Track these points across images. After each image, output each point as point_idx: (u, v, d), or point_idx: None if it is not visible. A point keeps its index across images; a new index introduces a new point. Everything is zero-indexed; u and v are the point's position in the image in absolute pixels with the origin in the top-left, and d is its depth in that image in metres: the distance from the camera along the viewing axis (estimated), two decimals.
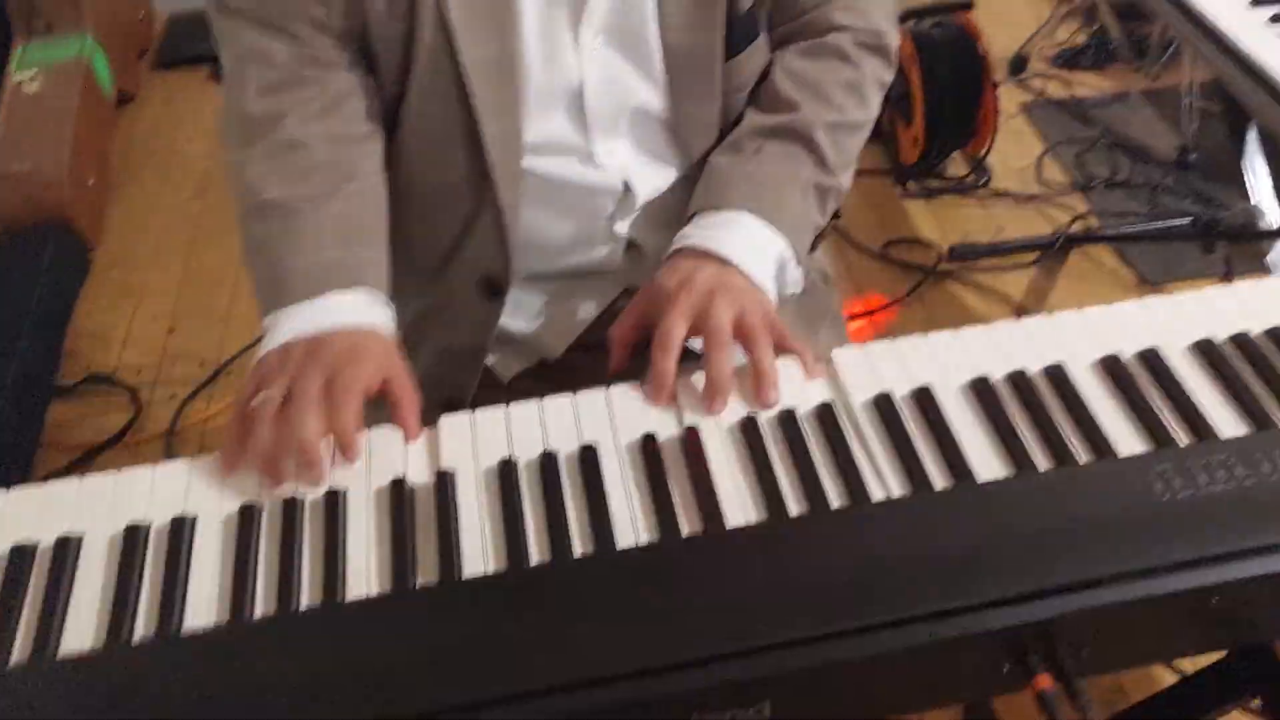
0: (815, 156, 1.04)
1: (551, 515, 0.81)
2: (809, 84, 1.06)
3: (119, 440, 2.08)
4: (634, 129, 1.07)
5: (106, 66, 2.78)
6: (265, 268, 0.95)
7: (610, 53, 1.01)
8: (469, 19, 0.95)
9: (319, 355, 0.88)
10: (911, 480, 0.81)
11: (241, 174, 0.98)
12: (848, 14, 1.08)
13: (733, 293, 0.93)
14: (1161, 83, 2.80)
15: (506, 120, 1.00)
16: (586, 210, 1.11)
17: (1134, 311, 0.92)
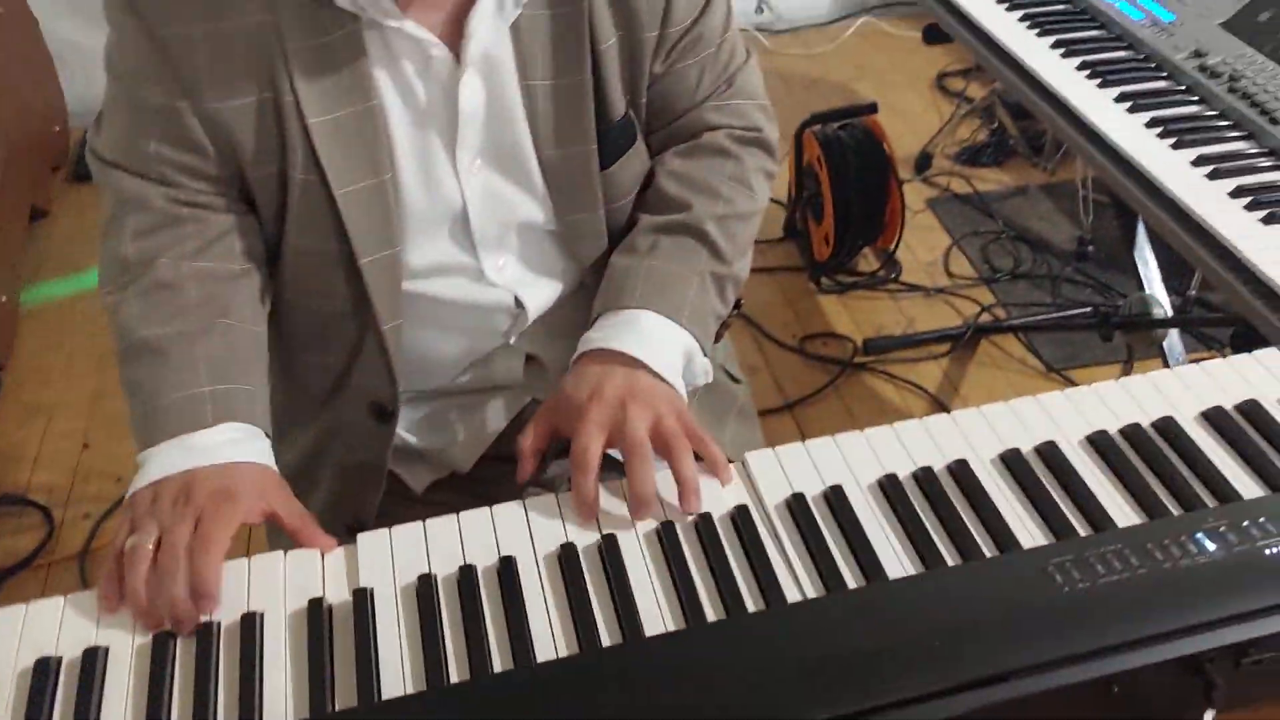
0: (709, 248, 1.06)
1: (470, 631, 0.81)
2: (694, 182, 1.09)
3: (31, 562, 2.02)
4: (522, 244, 1.09)
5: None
6: (138, 406, 0.95)
7: (489, 172, 1.04)
8: (340, 154, 0.97)
9: (191, 496, 0.88)
10: (825, 580, 0.83)
11: (115, 316, 0.99)
12: (720, 113, 1.11)
13: (644, 397, 0.94)
14: (1058, 177, 2.93)
15: (384, 249, 1.01)
16: (480, 328, 1.12)
17: (1031, 406, 0.96)
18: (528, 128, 1.02)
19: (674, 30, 1.04)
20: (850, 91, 3.48)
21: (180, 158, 0.98)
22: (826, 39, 3.76)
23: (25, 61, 3.02)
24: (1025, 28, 1.70)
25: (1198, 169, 1.32)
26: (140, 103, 0.96)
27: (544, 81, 1.01)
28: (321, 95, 0.95)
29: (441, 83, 0.99)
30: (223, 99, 0.95)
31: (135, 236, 0.99)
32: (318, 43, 0.94)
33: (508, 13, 0.97)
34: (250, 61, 0.94)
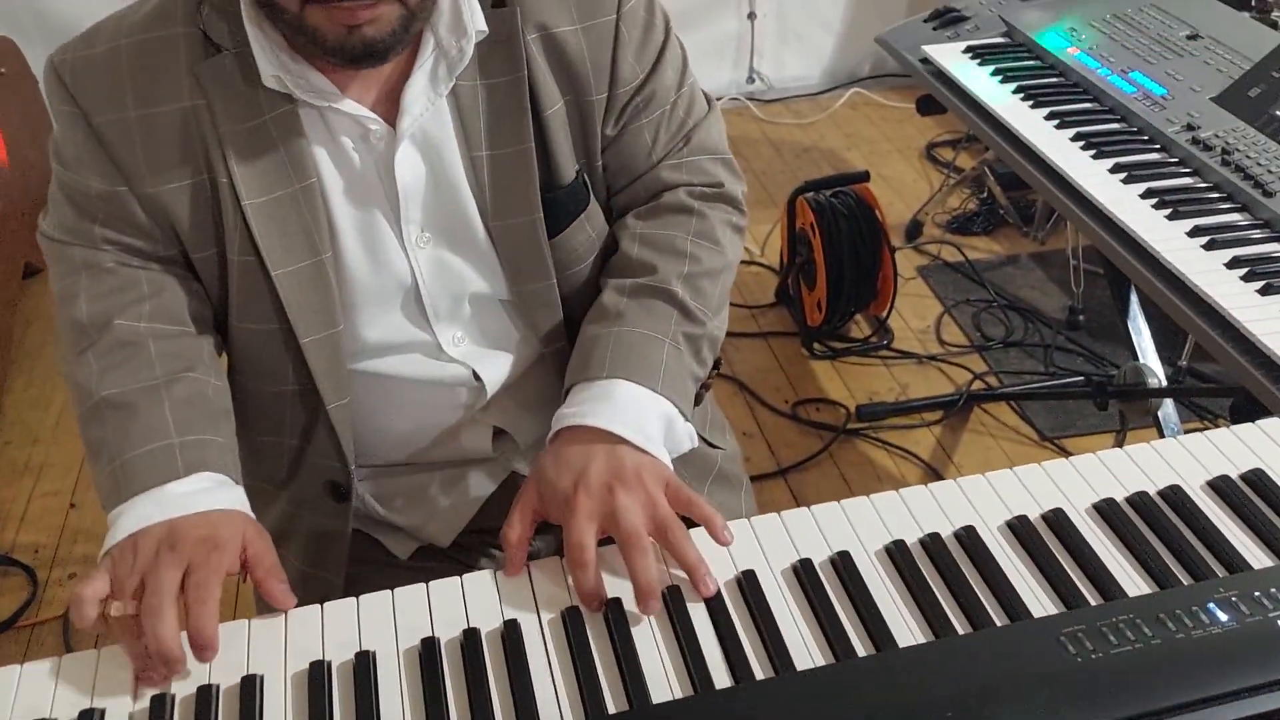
0: (679, 309, 1.03)
1: (475, 695, 0.80)
2: (657, 243, 1.06)
3: (14, 623, 1.98)
4: (476, 315, 1.08)
5: None
6: (105, 464, 0.93)
7: (438, 246, 1.03)
8: (277, 234, 0.97)
9: (176, 545, 0.85)
10: (834, 648, 0.82)
11: (76, 379, 0.98)
12: (679, 171, 1.09)
13: (630, 477, 0.91)
14: (1049, 246, 2.96)
15: (325, 329, 1.01)
16: (439, 404, 1.11)
17: (1038, 474, 0.96)
18: (473, 198, 1.01)
19: (623, 91, 1.03)
20: (841, 160, 3.52)
21: (125, 239, 0.99)
22: (818, 108, 3.82)
23: (24, 120, 3.04)
24: (1019, 99, 1.73)
25: (1194, 239, 1.34)
26: (83, 188, 0.97)
27: (486, 152, 1.00)
28: (257, 176, 0.95)
29: (379, 157, 0.99)
30: (160, 182, 0.96)
31: (90, 300, 0.98)
32: (252, 124, 0.95)
33: (441, 86, 0.97)
34: (184, 145, 0.95)
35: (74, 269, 0.99)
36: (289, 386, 1.05)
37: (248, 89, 0.94)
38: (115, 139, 0.95)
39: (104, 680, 0.83)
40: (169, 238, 0.99)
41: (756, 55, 3.92)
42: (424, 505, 1.18)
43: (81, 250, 0.99)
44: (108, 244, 0.98)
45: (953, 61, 1.88)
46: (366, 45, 0.88)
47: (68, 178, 0.98)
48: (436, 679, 0.81)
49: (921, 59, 1.95)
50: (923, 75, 1.93)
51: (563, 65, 1.00)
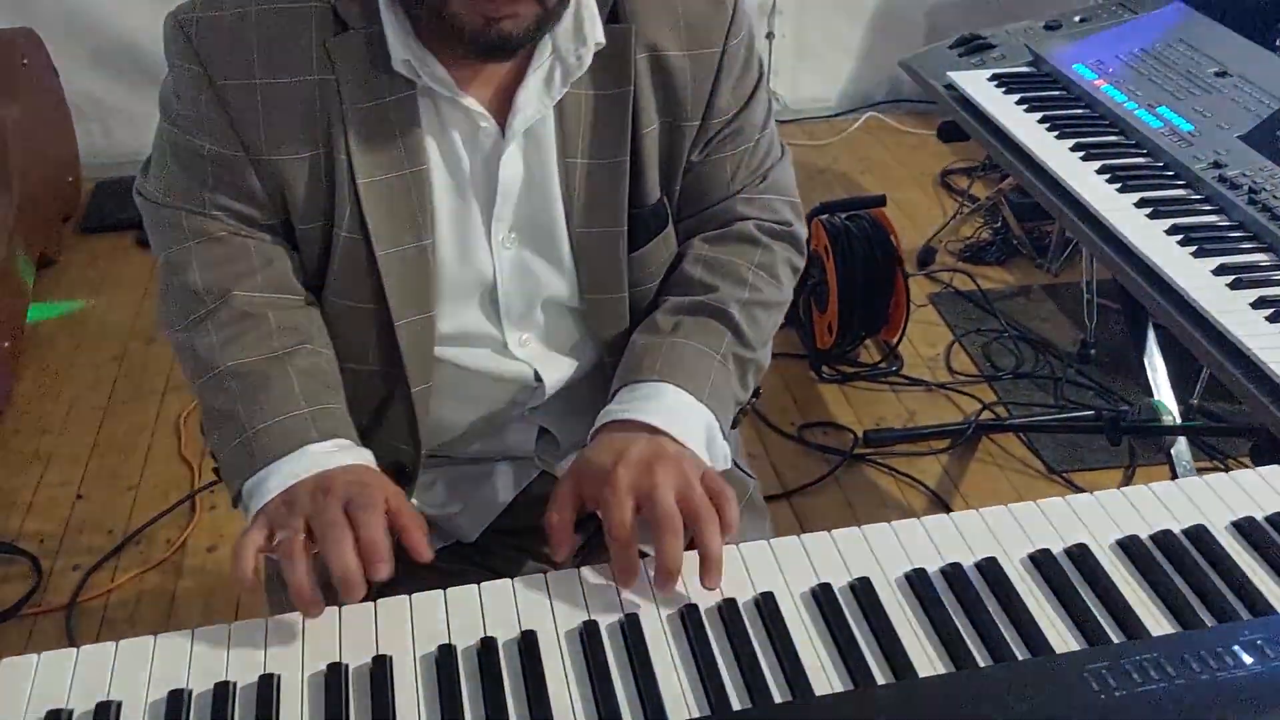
0: (732, 330, 1.05)
1: (490, 706, 0.80)
2: (721, 267, 1.09)
3: (17, 611, 1.98)
4: (546, 320, 1.09)
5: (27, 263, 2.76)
6: (231, 435, 0.95)
7: (522, 248, 1.05)
8: (385, 216, 0.98)
9: (330, 489, 0.88)
10: (853, 674, 0.82)
11: (194, 349, 0.99)
12: (751, 205, 1.12)
13: (669, 461, 0.92)
14: (1062, 279, 2.96)
15: (419, 312, 1.02)
16: (498, 399, 1.12)
17: (1061, 508, 0.95)
18: (561, 204, 1.03)
19: (716, 121, 1.06)
20: (854, 183, 3.53)
21: (235, 205, 0.99)
22: (832, 131, 3.83)
23: (45, 112, 3.05)
24: (1045, 129, 1.74)
25: (1219, 278, 1.34)
26: (196, 150, 0.97)
27: (582, 160, 1.02)
28: (373, 156, 0.97)
29: (484, 154, 1.00)
30: (278, 152, 0.96)
31: (203, 268, 0.99)
32: (374, 105, 0.96)
33: (554, 91, 0.99)
34: (308, 118, 0.96)
35: (183, 235, 1.00)
36: (370, 366, 1.06)
37: (372, 71, 0.95)
38: (238, 104, 0.95)
39: (120, 672, 0.83)
40: (277, 207, 1.00)
41: (773, 75, 3.93)
42: (456, 497, 1.19)
43: (190, 217, 0.99)
44: (217, 209, 0.99)
45: (978, 89, 1.89)
46: (502, 39, 0.90)
47: (180, 138, 0.98)
48: (453, 686, 0.81)
49: (946, 85, 1.95)
50: (946, 101, 1.94)
51: (666, 88, 1.03)
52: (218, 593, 2.04)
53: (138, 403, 2.52)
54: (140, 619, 1.97)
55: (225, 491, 2.17)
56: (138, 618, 1.98)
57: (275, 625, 0.87)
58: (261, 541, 0.88)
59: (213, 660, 0.84)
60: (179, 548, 2.13)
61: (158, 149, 1.02)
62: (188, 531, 2.16)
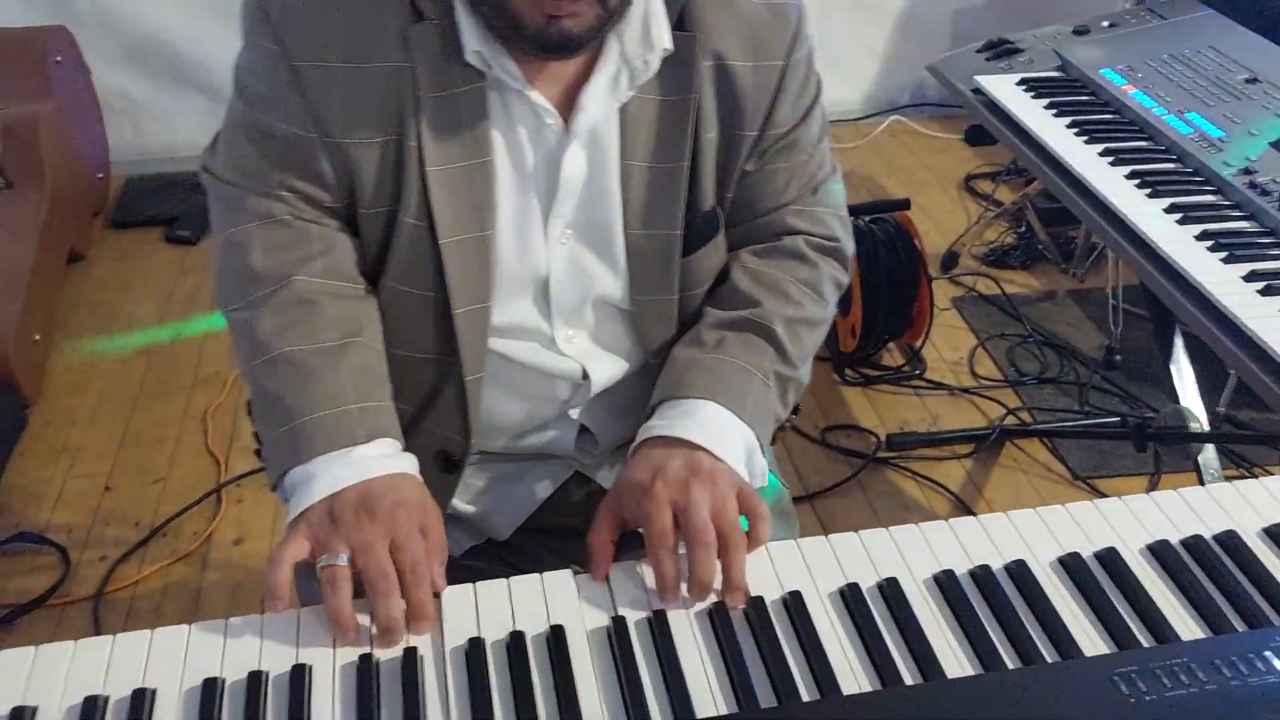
0: (776, 348, 1.06)
1: (520, 701, 0.80)
2: (767, 282, 1.09)
3: (45, 601, 2.00)
4: (595, 318, 1.10)
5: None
6: (280, 421, 0.95)
7: (577, 245, 1.06)
8: (450, 204, 0.99)
9: (374, 510, 0.89)
10: (880, 674, 0.82)
11: (251, 331, 0.99)
12: (801, 218, 1.12)
13: (706, 475, 0.93)
14: (1087, 284, 2.94)
15: (477, 302, 1.03)
16: (543, 394, 1.13)
17: (1090, 511, 0.95)
18: (620, 205, 1.04)
19: (773, 133, 1.06)
20: (878, 187, 3.52)
21: (303, 186, 1.00)
22: (857, 134, 3.82)
23: (76, 109, 3.08)
24: (1073, 134, 1.73)
25: (1250, 284, 1.34)
26: (268, 129, 0.99)
27: (643, 163, 1.03)
28: (442, 145, 0.98)
29: (548, 150, 1.01)
30: (351, 135, 0.97)
31: (265, 250, 1.00)
32: (445, 94, 0.97)
33: (620, 93, 1.00)
34: (383, 102, 0.97)
35: (247, 216, 1.01)
36: (424, 353, 1.06)
37: (445, 61, 0.96)
38: (315, 85, 0.96)
39: (155, 660, 0.84)
40: (343, 190, 1.01)
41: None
42: (492, 494, 1.20)
43: (256, 199, 1.00)
44: (284, 189, 1.00)
45: (1006, 93, 1.88)
46: (563, 37, 0.91)
47: (252, 116, 0.99)
48: (482, 680, 0.82)
49: (973, 89, 1.95)
50: (974, 105, 1.93)
51: (728, 96, 1.03)
52: (243, 586, 2.05)
53: (165, 397, 2.54)
54: (166, 611, 1.99)
55: (251, 486, 2.19)
56: (164, 609, 1.99)
57: (307, 616, 0.88)
58: (302, 555, 0.89)
59: (246, 649, 0.85)
60: (205, 541, 2.14)
61: (228, 126, 1.03)
62: (214, 525, 2.17)
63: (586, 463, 1.20)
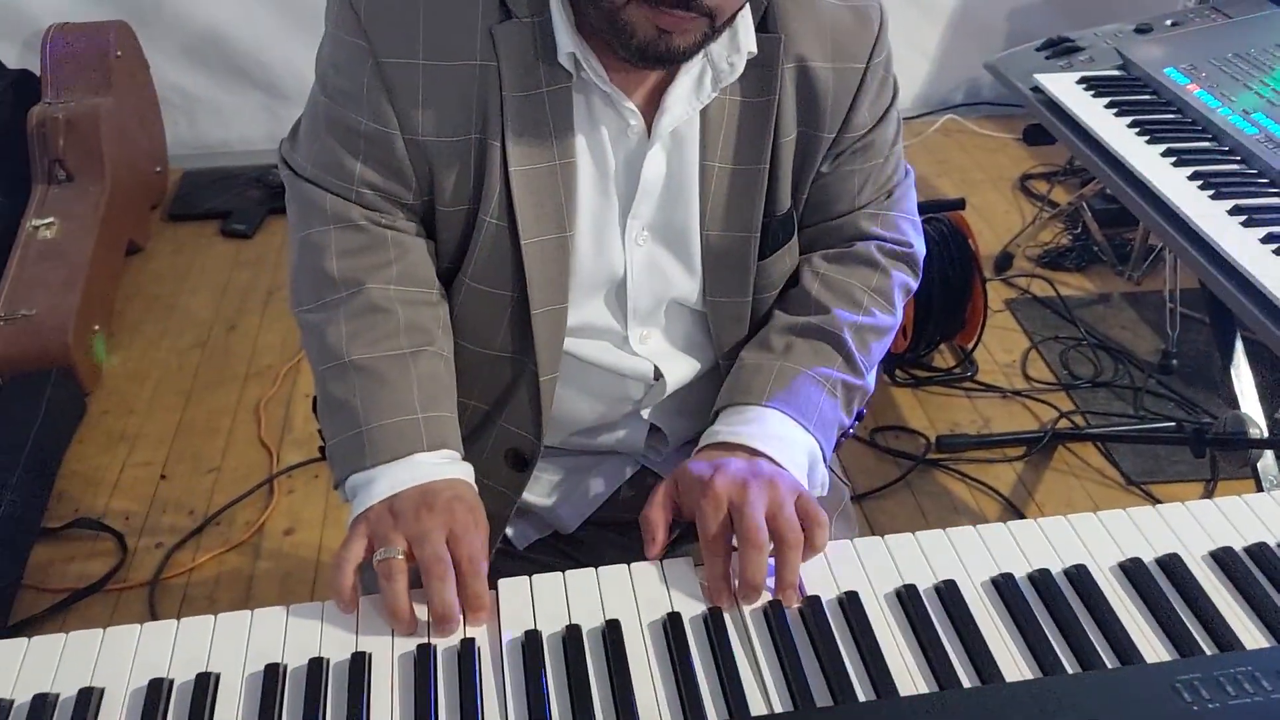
0: (844, 356, 1.06)
1: (575, 692, 0.81)
2: (838, 288, 1.09)
3: (102, 586, 2.04)
4: (669, 319, 1.10)
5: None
6: (345, 426, 0.97)
7: (654, 246, 1.06)
8: (532, 205, 0.99)
9: (433, 505, 0.90)
10: (938, 676, 0.81)
11: (323, 335, 1.00)
12: (874, 221, 1.12)
13: (764, 479, 0.93)
14: (1144, 287, 2.90)
15: (555, 303, 1.03)
16: (617, 394, 1.13)
17: (1152, 516, 0.94)
18: (698, 206, 1.04)
19: (850, 135, 1.06)
20: (931, 186, 3.49)
21: (383, 183, 1.00)
22: (910, 133, 3.79)
23: (136, 103, 3.14)
24: (1134, 134, 1.71)
25: None
26: (351, 124, 0.99)
27: (722, 165, 1.03)
28: (527, 145, 0.98)
29: (629, 152, 1.01)
30: (433, 133, 0.98)
31: (341, 254, 1.01)
32: (530, 95, 0.97)
33: (704, 95, 1.00)
34: (466, 101, 0.97)
35: (324, 217, 1.01)
36: (499, 352, 1.07)
37: (532, 60, 0.97)
38: (399, 82, 0.96)
39: (219, 644, 0.85)
40: (424, 188, 1.01)
41: None
42: (560, 488, 1.20)
43: (334, 199, 1.01)
44: (364, 187, 1.00)
45: (1065, 92, 1.86)
46: (670, 51, 0.91)
47: (335, 111, 0.99)
48: (538, 673, 0.82)
49: (1032, 87, 1.93)
50: (1033, 104, 1.91)
51: (808, 98, 1.03)
52: (294, 575, 2.08)
53: (220, 387, 2.58)
54: (219, 598, 2.02)
55: (302, 477, 2.21)
56: (217, 597, 2.02)
57: (366, 605, 0.89)
58: (362, 555, 0.90)
59: (307, 636, 0.86)
60: (257, 530, 2.17)
61: (310, 118, 1.03)
62: (266, 514, 2.20)
63: (655, 459, 1.20)
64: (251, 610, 0.88)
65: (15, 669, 0.84)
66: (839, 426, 1.06)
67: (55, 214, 2.69)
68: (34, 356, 2.39)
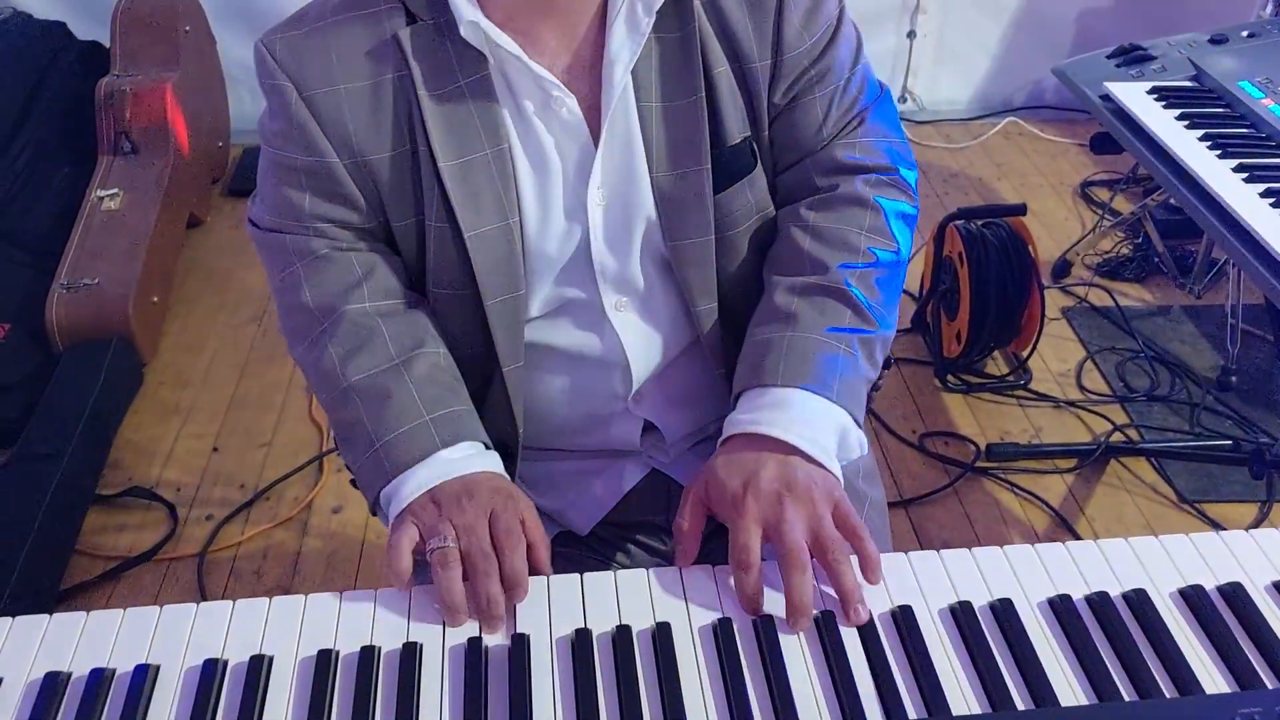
0: (851, 309, 1.03)
1: (625, 694, 0.81)
2: (831, 237, 1.06)
3: (153, 555, 2.07)
4: (641, 281, 1.08)
5: None
6: (364, 449, 0.98)
7: (611, 202, 1.04)
8: (469, 197, 1.00)
9: (475, 495, 0.92)
10: (991, 696, 0.80)
11: (318, 367, 1.03)
12: (851, 150, 1.08)
13: (801, 491, 0.92)
14: (1205, 301, 2.85)
15: (508, 291, 1.04)
16: (599, 388, 1.12)
17: (1215, 543, 0.92)
18: (643, 150, 1.02)
19: (789, 56, 1.03)
20: (989, 189, 3.45)
21: (334, 212, 1.02)
22: (969, 134, 3.75)
23: (202, 79, 3.17)
24: (1205, 147, 1.68)
25: None
26: (291, 163, 1.01)
27: (658, 104, 1.01)
28: (454, 140, 0.98)
29: (567, 124, 1.01)
30: (367, 152, 0.99)
31: (313, 287, 1.03)
32: (448, 89, 0.98)
33: (642, 26, 0.98)
34: (390, 114, 0.99)
35: (289, 258, 1.03)
36: (473, 350, 1.08)
37: (444, 56, 0.97)
38: (326, 111, 0.98)
39: (273, 627, 0.86)
40: (374, 208, 1.03)
41: (911, 75, 3.87)
42: (568, 491, 1.20)
43: (294, 238, 1.03)
44: (318, 220, 1.02)
45: (1136, 101, 1.83)
46: None
47: (277, 156, 1.02)
48: (589, 671, 0.82)
49: (1102, 95, 1.90)
50: (1101, 112, 1.88)
51: (726, 33, 1.02)
52: (340, 553, 2.10)
53: (273, 364, 2.60)
54: (266, 573, 2.05)
55: None
56: (264, 571, 2.05)
57: (419, 595, 0.89)
58: (416, 539, 0.92)
59: (359, 623, 0.87)
60: (305, 507, 2.20)
61: (260, 176, 1.05)
62: (314, 492, 2.23)
63: (660, 460, 1.19)
64: (305, 595, 0.88)
65: (73, 642, 0.85)
66: (865, 382, 1.03)
67: (120, 185, 2.73)
68: (95, 325, 2.43)
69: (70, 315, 2.42)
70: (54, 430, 2.19)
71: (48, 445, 2.15)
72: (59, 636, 0.86)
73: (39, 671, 0.83)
